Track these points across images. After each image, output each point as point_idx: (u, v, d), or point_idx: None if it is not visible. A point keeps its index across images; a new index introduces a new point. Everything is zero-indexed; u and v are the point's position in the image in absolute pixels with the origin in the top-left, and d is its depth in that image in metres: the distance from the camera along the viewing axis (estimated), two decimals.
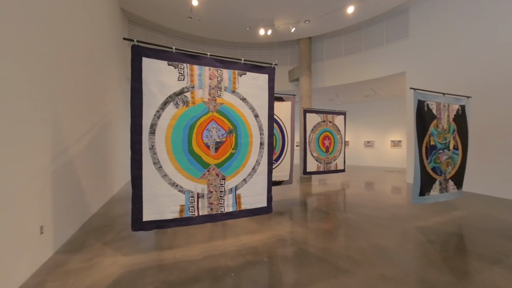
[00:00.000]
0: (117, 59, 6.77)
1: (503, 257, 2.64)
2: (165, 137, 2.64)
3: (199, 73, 2.81)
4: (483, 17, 5.78)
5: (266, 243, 3.02)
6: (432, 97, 3.97)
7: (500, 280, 2.18)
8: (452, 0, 6.42)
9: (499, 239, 3.13)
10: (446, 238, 3.26)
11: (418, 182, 3.75)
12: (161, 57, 2.62)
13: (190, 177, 2.78)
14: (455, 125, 4.23)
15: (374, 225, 3.72)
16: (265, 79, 3.25)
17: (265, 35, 8.82)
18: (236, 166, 3.06)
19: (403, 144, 11.81)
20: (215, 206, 2.92)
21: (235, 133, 3.04)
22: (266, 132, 3.23)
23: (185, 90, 2.73)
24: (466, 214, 4.20)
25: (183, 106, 2.73)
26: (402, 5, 7.42)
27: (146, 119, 2.57)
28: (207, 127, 2.88)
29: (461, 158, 4.34)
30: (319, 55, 9.66)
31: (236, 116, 3.06)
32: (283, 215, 4.29)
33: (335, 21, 8.24)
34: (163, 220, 2.63)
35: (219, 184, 2.94)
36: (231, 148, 3.02)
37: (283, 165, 5.40)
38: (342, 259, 2.58)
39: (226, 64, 3.00)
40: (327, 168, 7.38)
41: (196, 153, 2.80)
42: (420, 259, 2.62)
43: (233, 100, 3.03)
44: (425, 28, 7.08)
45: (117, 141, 6.48)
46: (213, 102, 2.90)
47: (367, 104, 12.90)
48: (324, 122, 7.28)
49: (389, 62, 8.14)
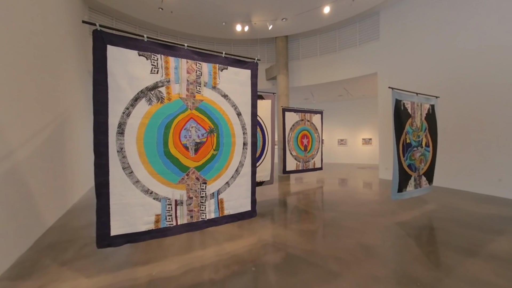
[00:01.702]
0: (76, 49, 6.02)
1: (477, 247, 2.79)
2: (137, 138, 2.30)
3: (175, 65, 2.51)
4: (448, 24, 6.23)
5: (252, 250, 2.83)
6: (407, 97, 4.12)
7: (479, 271, 2.26)
8: (420, 6, 6.83)
9: (469, 230, 3.33)
10: (424, 232, 3.39)
11: (397, 179, 3.86)
12: (130, 46, 2.27)
13: (166, 183, 2.47)
14: (427, 123, 4.46)
15: (356, 222, 3.74)
16: (247, 74, 3.05)
17: (242, 32, 8.59)
18: (218, 168, 2.81)
19: (373, 141, 12.47)
20: (195, 213, 2.65)
21: (216, 133, 2.79)
22: (249, 131, 3.03)
23: (159, 85, 2.41)
24: (437, 208, 4.46)
25: (157, 102, 2.41)
26: (373, 8, 7.73)
27: (113, 117, 2.20)
28: (186, 126, 2.59)
29: (431, 155, 4.60)
30: (296, 54, 9.71)
31: (218, 114, 2.81)
32: (265, 217, 4.14)
33: (311, 21, 8.32)
34: (136, 233, 2.30)
35: (199, 189, 2.68)
36: (212, 149, 2.77)
37: (264, 165, 5.25)
38: (332, 262, 2.50)
39: (206, 57, 2.73)
40: (306, 167, 7.43)
41: (173, 155, 2.50)
42: (405, 255, 2.65)
43: (214, 96, 2.78)
44: (395, 31, 7.46)
45: (79, 142, 5.77)
46: (191, 99, 2.62)
47: (340, 104, 13.37)
48: (302, 121, 7.30)
49: (362, 62, 8.45)
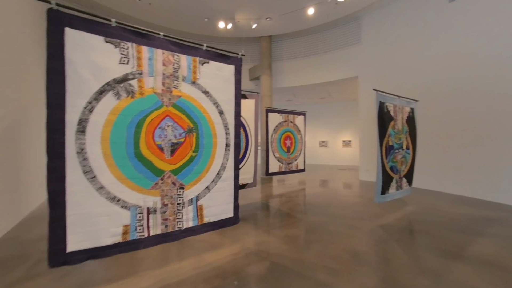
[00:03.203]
0: (38, 38, 5.39)
1: (459, 250, 2.80)
2: (101, 137, 1.99)
3: (149, 56, 2.22)
4: (425, 31, 6.48)
5: (234, 260, 2.60)
6: (390, 99, 4.15)
7: (466, 277, 2.24)
8: (399, 14, 7.06)
9: (450, 232, 3.38)
10: (408, 235, 3.38)
11: (380, 181, 3.85)
12: (95, 31, 1.96)
13: (137, 188, 2.17)
14: (407, 126, 4.54)
15: (341, 226, 3.66)
16: (231, 70, 2.84)
17: (225, 29, 8.34)
18: (197, 171, 2.56)
19: (353, 143, 12.78)
20: (171, 222, 2.37)
21: (196, 133, 2.54)
22: (232, 131, 2.81)
23: (129, 77, 2.12)
24: (417, 209, 4.53)
25: (127, 97, 2.11)
26: (355, 13, 7.88)
27: (72, 112, 1.88)
28: (160, 124, 2.31)
29: (411, 157, 4.69)
30: (279, 55, 9.64)
31: (197, 112, 2.56)
32: (248, 222, 3.93)
33: (295, 22, 8.29)
34: (100, 247, 1.97)
35: (176, 195, 2.40)
36: (191, 151, 2.51)
37: (247, 167, 5.04)
38: (320, 271, 2.35)
39: (185, 49, 2.48)
40: (289, 168, 7.34)
41: (145, 157, 2.20)
42: (393, 261, 2.58)
43: (194, 92, 2.53)
44: (375, 36, 7.65)
45: (37, 143, 5.14)
46: (168, 94, 2.35)
47: (322, 106, 13.57)
48: (286, 122, 7.20)
49: (344, 66, 8.58)
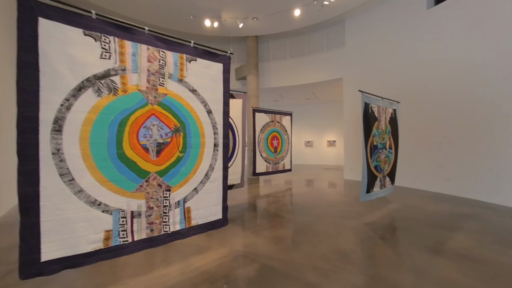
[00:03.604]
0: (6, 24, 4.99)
1: (440, 245, 2.93)
2: (80, 137, 1.85)
3: (132, 51, 2.11)
4: (406, 35, 6.76)
5: (223, 264, 2.54)
6: (375, 101, 4.27)
7: (448, 271, 2.34)
8: (382, 18, 7.31)
9: (430, 228, 3.53)
10: (392, 232, 3.49)
11: (365, 180, 3.95)
12: (73, 22, 1.82)
13: (120, 191, 2.05)
14: (390, 126, 4.70)
15: (328, 225, 3.71)
16: (219, 69, 2.76)
17: (211, 27, 8.21)
18: (185, 173, 2.47)
19: (337, 143, 13.10)
20: (157, 226, 2.27)
21: (183, 132, 2.45)
22: (221, 131, 2.75)
23: (111, 73, 1.99)
24: (399, 207, 4.70)
25: (109, 94, 1.98)
26: (340, 16, 8.06)
27: (47, 110, 1.74)
28: (145, 124, 2.20)
29: (394, 156, 4.87)
30: (266, 55, 9.65)
31: (185, 111, 2.47)
32: (236, 223, 3.87)
33: (282, 23, 8.33)
34: (78, 255, 1.84)
35: (162, 198, 2.30)
36: (178, 151, 2.42)
37: (234, 168, 4.98)
38: (309, 272, 2.35)
39: (171, 45, 2.38)
40: (276, 168, 7.36)
41: (129, 158, 2.09)
42: (379, 259, 2.64)
43: (181, 91, 2.43)
44: (359, 39, 7.87)
45: (7, 144, 4.76)
46: (153, 92, 2.24)
47: (308, 107, 13.77)
48: (273, 122, 7.22)
49: (329, 67, 8.75)
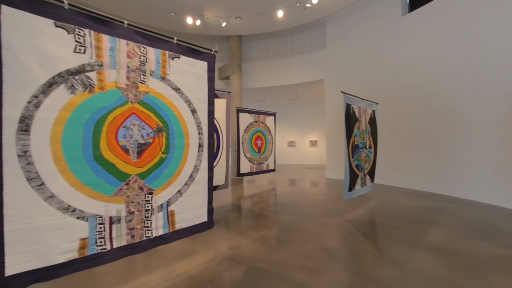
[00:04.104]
0: None
1: (417, 239, 3.08)
2: (51, 138, 1.70)
3: (110, 46, 1.98)
4: (383, 38, 7.08)
5: (208, 267, 2.47)
6: (355, 102, 4.42)
7: (427, 264, 2.46)
8: (361, 22, 7.59)
9: (408, 223, 3.72)
10: (373, 228, 3.62)
11: (348, 179, 4.06)
12: (42, 12, 1.67)
13: (97, 196, 1.91)
14: (370, 127, 4.89)
15: (313, 224, 3.76)
16: (203, 67, 2.69)
17: (193, 25, 8.02)
18: (168, 174, 2.37)
19: (319, 143, 13.42)
20: (138, 231, 2.14)
21: (166, 132, 2.35)
22: (205, 131, 2.67)
23: (87, 68, 1.85)
24: (378, 204, 4.91)
25: (84, 91, 1.84)
26: (321, 19, 8.26)
27: (11, 108, 1.57)
28: (125, 123, 2.07)
29: (373, 155, 5.06)
30: (249, 55, 9.63)
31: (168, 110, 2.36)
32: (221, 225, 3.81)
33: (265, 23, 8.36)
34: (50, 267, 1.69)
35: (143, 201, 2.18)
36: (161, 152, 2.31)
37: (219, 168, 4.89)
38: (297, 271, 2.36)
39: (153, 41, 2.27)
40: (260, 169, 7.37)
41: (107, 160, 1.95)
42: (362, 255, 2.72)
43: (163, 89, 2.33)
44: (340, 41, 8.11)
45: None
46: (133, 90, 2.12)
47: (290, 107, 13.96)
48: (256, 122, 7.22)
49: (310, 69, 8.93)
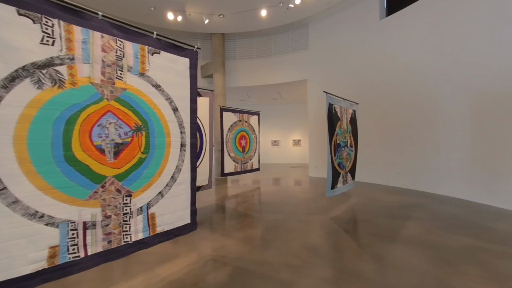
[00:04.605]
0: None
1: (396, 234, 3.22)
2: (14, 137, 1.55)
3: (83, 39, 1.84)
4: (362, 41, 7.32)
5: (192, 270, 2.39)
6: (337, 101, 4.52)
7: (406, 257, 2.57)
8: (342, 24, 7.80)
9: (386, 218, 3.87)
10: (354, 224, 3.73)
11: (330, 177, 4.15)
12: None
13: (69, 200, 1.77)
14: (351, 126, 5.03)
15: (297, 222, 3.80)
16: (185, 64, 2.60)
17: (175, 21, 7.77)
18: (148, 176, 2.26)
19: (302, 143, 13.65)
20: (116, 236, 2.02)
21: (145, 131, 2.23)
22: (188, 130, 2.59)
23: (56, 62, 1.71)
24: (359, 200, 5.07)
25: (53, 86, 1.70)
26: (303, 20, 8.38)
27: None
28: (100, 121, 1.94)
29: (354, 154, 5.22)
30: (233, 53, 9.54)
31: (147, 108, 2.25)
32: (205, 226, 3.73)
33: (248, 22, 8.32)
34: (14, 279, 1.53)
35: (121, 204, 2.06)
36: (140, 152, 2.20)
37: (202, 169, 4.78)
38: (282, 269, 2.36)
39: (130, 35, 2.15)
40: (244, 168, 7.33)
41: (80, 161, 1.82)
42: (345, 251, 2.78)
43: (142, 86, 2.22)
44: (321, 42, 8.28)
45: None
46: (109, 86, 1.99)
47: (274, 107, 14.05)
48: (240, 121, 7.16)
49: (293, 69, 9.04)
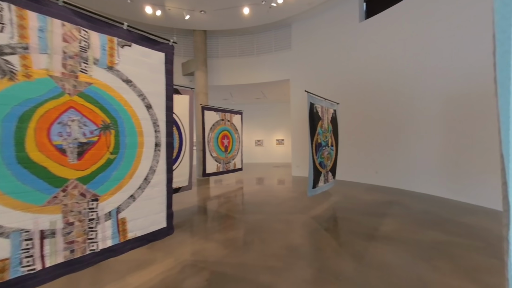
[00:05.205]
0: None
1: (374, 231, 3.28)
2: None
3: (39, 26, 1.65)
4: (343, 42, 7.48)
5: (168, 277, 2.26)
6: (318, 101, 4.55)
7: (383, 255, 2.61)
8: (322, 25, 7.92)
9: (365, 216, 3.95)
10: (334, 223, 3.77)
11: (312, 176, 4.16)
12: None
13: (23, 206, 1.58)
14: (332, 125, 5.10)
15: (279, 222, 3.76)
16: (160, 58, 2.46)
17: (154, 15, 7.45)
18: (118, 178, 2.09)
19: (285, 142, 13.74)
20: (79, 245, 1.84)
21: (114, 130, 2.06)
22: (163, 129, 2.44)
23: (6, 51, 1.51)
24: (339, 199, 5.15)
25: (2, 78, 1.51)
26: (286, 20, 8.40)
27: None
28: (61, 118, 1.75)
29: (335, 153, 5.30)
30: (215, 51, 9.35)
31: (117, 104, 2.08)
32: (183, 229, 3.57)
33: (230, 20, 8.19)
34: None
35: (86, 210, 1.88)
36: (108, 152, 2.03)
37: (181, 169, 4.61)
38: (262, 272, 2.30)
39: (97, 24, 1.97)
40: (227, 168, 7.21)
41: (36, 163, 1.63)
42: (325, 250, 2.78)
43: (111, 80, 2.05)
44: (304, 43, 8.36)
45: None
46: (72, 80, 1.81)
47: (258, 106, 14.01)
48: (223, 120, 7.03)
49: (276, 68, 9.04)
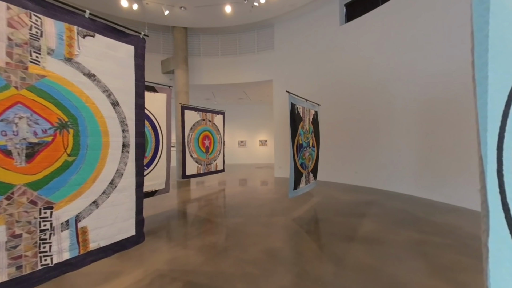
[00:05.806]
0: None
1: (352, 232, 3.28)
2: None
3: None
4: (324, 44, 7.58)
5: None
6: (300, 102, 4.53)
7: (362, 256, 2.60)
8: (305, 27, 7.98)
9: (344, 217, 3.97)
10: (314, 225, 3.74)
11: (293, 178, 4.11)
12: None
13: None
14: (313, 126, 5.11)
15: (259, 225, 3.67)
16: (129, 52, 2.26)
17: (129, 9, 7.08)
18: (77, 182, 1.87)
19: (269, 143, 13.73)
20: (29, 259, 1.61)
21: (73, 129, 1.85)
22: (132, 128, 2.25)
23: None
24: (320, 199, 5.16)
25: None
26: (269, 20, 8.37)
27: None
28: (5, 115, 1.52)
29: (316, 154, 5.32)
30: (196, 50, 9.10)
31: (77, 100, 1.87)
32: (158, 236, 3.36)
33: (212, 18, 8.00)
34: None
35: (37, 219, 1.66)
36: (66, 154, 1.81)
37: (157, 172, 4.36)
38: (239, 279, 2.18)
39: (53, 10, 1.76)
40: (208, 170, 7.00)
41: None
42: (304, 253, 2.72)
43: (69, 73, 1.83)
44: (287, 43, 8.37)
45: None
46: (19, 71, 1.58)
47: (240, 107, 13.88)
48: (204, 121, 6.83)
49: (259, 69, 8.98)
